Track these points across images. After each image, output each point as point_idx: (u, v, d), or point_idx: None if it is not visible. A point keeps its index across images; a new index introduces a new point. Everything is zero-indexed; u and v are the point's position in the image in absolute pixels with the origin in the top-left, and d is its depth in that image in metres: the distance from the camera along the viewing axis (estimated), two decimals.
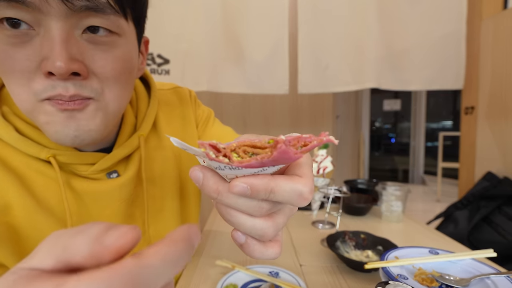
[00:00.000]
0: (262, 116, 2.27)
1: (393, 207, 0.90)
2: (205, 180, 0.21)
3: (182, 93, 0.59)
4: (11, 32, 0.31)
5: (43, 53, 0.31)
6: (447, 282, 0.47)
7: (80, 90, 0.34)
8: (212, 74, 1.57)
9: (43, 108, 0.34)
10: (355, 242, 0.68)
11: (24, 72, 0.32)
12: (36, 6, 0.29)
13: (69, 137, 0.35)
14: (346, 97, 3.50)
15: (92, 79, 0.35)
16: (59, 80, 0.32)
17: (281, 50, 1.55)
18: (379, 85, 1.54)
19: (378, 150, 5.03)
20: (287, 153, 0.19)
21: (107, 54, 0.35)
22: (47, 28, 0.31)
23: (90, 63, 0.34)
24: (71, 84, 0.33)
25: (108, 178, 0.44)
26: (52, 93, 0.33)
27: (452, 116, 4.70)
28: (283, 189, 0.21)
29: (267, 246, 0.23)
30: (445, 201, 3.19)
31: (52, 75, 0.32)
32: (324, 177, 0.78)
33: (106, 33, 0.34)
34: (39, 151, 0.38)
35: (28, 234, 0.39)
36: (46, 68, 0.31)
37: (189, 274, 0.59)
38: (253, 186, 0.20)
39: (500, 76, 1.38)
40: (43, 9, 0.30)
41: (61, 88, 0.32)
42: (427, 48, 1.50)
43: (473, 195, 1.41)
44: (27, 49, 0.31)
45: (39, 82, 0.32)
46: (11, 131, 0.37)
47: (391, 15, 1.50)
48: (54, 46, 0.31)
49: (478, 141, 1.53)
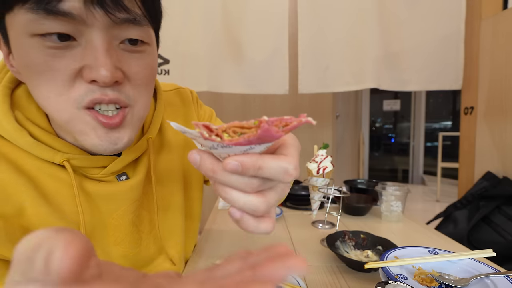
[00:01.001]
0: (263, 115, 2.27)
1: (392, 207, 0.90)
2: (202, 161, 0.24)
3: (184, 94, 0.60)
4: (53, 43, 0.32)
5: (84, 62, 0.33)
6: (447, 282, 0.48)
7: (118, 95, 0.35)
8: (212, 74, 1.57)
9: (83, 118, 0.35)
10: (355, 242, 0.68)
11: (65, 81, 0.33)
12: (82, 18, 0.31)
13: (108, 149, 0.37)
14: (346, 97, 3.50)
15: (126, 86, 0.37)
16: (99, 86, 0.34)
17: (281, 50, 1.56)
18: (378, 85, 1.54)
19: (378, 150, 5.04)
20: (270, 131, 0.21)
21: (140, 62, 0.37)
22: (89, 38, 0.32)
23: (126, 70, 0.36)
24: (109, 90, 0.35)
25: (118, 180, 0.45)
26: (92, 97, 0.34)
27: (452, 116, 4.71)
28: (270, 166, 0.23)
29: (260, 221, 0.26)
30: (444, 201, 3.19)
31: (93, 83, 0.33)
32: (324, 177, 0.78)
33: (139, 42, 0.37)
34: (53, 156, 0.39)
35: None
36: (90, 77, 0.33)
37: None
38: (243, 163, 0.23)
39: (500, 76, 1.38)
40: (88, 21, 0.31)
41: (100, 93, 0.34)
42: (426, 48, 1.50)
43: (472, 195, 1.41)
44: (67, 59, 0.32)
45: (79, 88, 0.34)
46: (25, 136, 0.38)
47: (391, 15, 1.51)
48: (98, 56, 0.32)
49: (478, 141, 1.53)
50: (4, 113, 0.37)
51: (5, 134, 0.38)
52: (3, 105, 0.38)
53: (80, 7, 0.30)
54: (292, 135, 0.30)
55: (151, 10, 0.36)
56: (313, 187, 0.80)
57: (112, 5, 0.31)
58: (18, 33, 0.32)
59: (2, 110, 0.37)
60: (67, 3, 0.30)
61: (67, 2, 0.30)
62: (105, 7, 0.31)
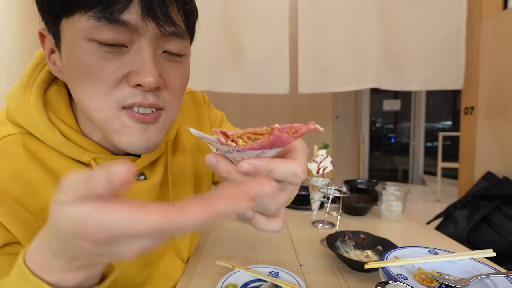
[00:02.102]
0: (262, 116, 2.27)
1: (392, 207, 0.90)
2: (217, 164, 0.28)
3: (197, 98, 0.63)
4: (107, 48, 0.35)
5: (132, 67, 0.36)
6: (447, 282, 0.47)
7: (156, 100, 0.38)
8: (212, 74, 1.57)
9: (121, 118, 0.38)
10: (355, 242, 0.68)
11: (111, 83, 0.36)
12: (136, 28, 0.34)
13: (141, 148, 0.39)
14: (346, 97, 3.50)
15: (164, 91, 0.39)
16: (141, 90, 0.37)
17: (281, 50, 1.55)
18: (379, 85, 1.54)
19: (378, 150, 5.03)
20: (281, 137, 0.24)
21: (178, 71, 0.41)
22: (139, 47, 0.36)
23: (165, 78, 0.39)
24: (150, 94, 0.37)
25: (137, 180, 0.47)
26: (133, 101, 0.37)
27: (452, 116, 4.71)
28: (280, 169, 0.26)
29: (270, 220, 0.28)
30: (444, 201, 3.19)
31: (137, 87, 0.36)
32: (324, 177, 0.78)
33: (178, 54, 0.40)
34: (81, 154, 0.41)
35: None
36: (137, 81, 0.35)
37: (189, 274, 0.59)
38: (255, 166, 0.26)
39: (500, 76, 1.38)
40: (141, 31, 0.35)
41: (141, 97, 0.37)
42: (427, 48, 1.50)
43: (472, 195, 1.41)
44: (117, 63, 0.35)
45: (123, 90, 0.36)
46: (57, 135, 0.40)
47: (392, 15, 1.50)
48: (146, 63, 0.35)
49: (478, 141, 1.53)
50: (39, 113, 0.39)
51: (37, 133, 0.40)
52: (37, 105, 0.40)
53: (137, 19, 0.34)
54: (301, 140, 0.32)
55: (192, 25, 0.41)
56: (313, 187, 0.80)
57: (163, 19, 0.35)
58: (75, 36, 0.35)
59: (36, 109, 0.39)
60: (127, 14, 0.33)
61: (126, 13, 0.33)
62: (157, 20, 0.35)
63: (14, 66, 0.99)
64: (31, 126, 0.40)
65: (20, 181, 0.38)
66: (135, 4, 0.33)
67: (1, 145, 0.38)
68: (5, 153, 0.38)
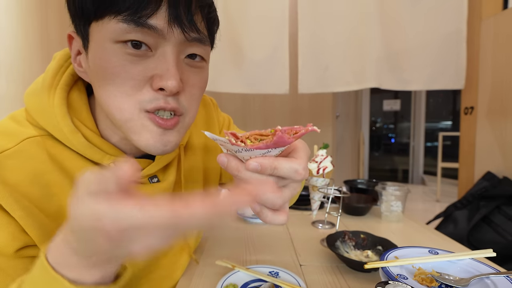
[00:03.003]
0: (262, 116, 2.27)
1: (392, 207, 0.90)
2: (228, 163, 0.31)
3: (206, 101, 0.65)
4: (133, 51, 0.36)
5: (156, 71, 0.37)
6: (447, 282, 0.48)
7: (176, 104, 0.39)
8: (212, 74, 1.56)
9: (142, 120, 0.39)
10: (355, 242, 0.68)
11: (135, 84, 0.37)
12: (162, 33, 0.36)
13: (159, 150, 0.40)
14: (346, 97, 3.50)
15: (182, 96, 0.40)
16: (163, 95, 0.38)
17: (281, 50, 1.55)
18: (379, 85, 1.54)
19: (378, 150, 5.04)
20: (283, 138, 0.28)
21: (198, 76, 0.42)
22: (163, 51, 0.37)
23: (185, 82, 0.40)
24: (171, 99, 0.38)
25: (150, 182, 0.49)
26: (156, 104, 0.38)
27: (452, 116, 4.71)
28: (283, 167, 0.30)
29: (276, 213, 0.31)
30: (444, 201, 3.19)
31: (160, 91, 0.37)
32: (324, 177, 0.78)
33: (200, 59, 0.42)
34: (102, 157, 0.42)
35: None
36: (160, 84, 0.36)
37: (189, 274, 0.59)
38: (262, 164, 0.29)
39: (500, 76, 1.38)
40: (167, 36, 0.36)
41: (163, 101, 0.38)
42: (428, 48, 1.50)
43: (472, 195, 1.41)
44: (142, 66, 0.37)
45: (146, 94, 0.37)
46: (80, 138, 0.41)
47: (392, 15, 1.50)
48: (170, 68, 0.36)
49: (478, 141, 1.53)
50: (63, 116, 0.40)
51: (60, 135, 0.40)
52: (62, 108, 0.40)
53: (163, 24, 0.35)
54: (302, 140, 0.34)
55: (213, 33, 0.43)
56: (313, 187, 0.80)
57: (188, 25, 0.37)
58: (103, 38, 0.36)
59: (61, 112, 0.40)
60: (154, 19, 0.35)
61: (154, 18, 0.35)
62: (183, 26, 0.36)
63: (14, 66, 0.99)
64: (54, 128, 0.40)
65: (38, 183, 0.39)
66: (163, 10, 0.35)
67: (21, 147, 0.39)
68: (24, 155, 0.39)
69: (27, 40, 1.03)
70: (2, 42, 0.95)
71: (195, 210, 0.21)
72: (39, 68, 1.09)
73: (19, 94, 1.00)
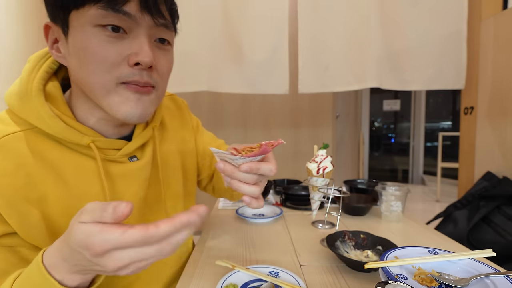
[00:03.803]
0: (262, 116, 2.27)
1: (392, 207, 0.90)
2: (225, 167, 0.44)
3: (177, 101, 0.73)
4: (111, 33, 0.42)
5: (131, 50, 0.43)
6: (447, 282, 0.48)
7: (149, 79, 0.46)
8: (212, 74, 1.57)
9: (120, 91, 0.45)
10: (354, 242, 0.68)
11: (113, 62, 0.43)
12: (135, 18, 0.43)
13: (136, 116, 0.47)
14: (346, 97, 3.50)
15: (154, 73, 0.47)
16: (138, 70, 0.44)
17: (281, 50, 1.55)
18: (380, 84, 1.54)
19: (378, 150, 5.04)
20: (266, 149, 0.43)
21: (165, 57, 0.49)
22: (136, 34, 0.44)
23: (156, 61, 0.47)
24: (145, 74, 0.45)
25: (130, 161, 0.54)
26: (132, 78, 0.44)
27: (452, 116, 4.71)
28: (263, 167, 0.44)
29: (257, 200, 0.46)
30: (444, 201, 3.19)
31: (135, 66, 0.44)
32: (324, 177, 0.78)
33: (166, 42, 0.49)
34: (81, 138, 0.47)
35: (61, 221, 0.47)
36: (136, 60, 0.43)
37: (189, 274, 0.59)
38: (250, 166, 0.43)
39: (500, 76, 1.38)
40: (139, 21, 0.43)
41: (138, 76, 0.45)
42: (428, 48, 1.50)
43: (472, 195, 1.41)
44: (119, 46, 0.43)
45: (124, 69, 0.44)
46: (59, 122, 0.45)
47: (392, 15, 1.50)
48: (143, 46, 0.44)
49: (478, 141, 1.53)
50: (41, 104, 0.45)
51: (40, 122, 0.45)
52: (40, 97, 0.45)
53: (136, 11, 0.43)
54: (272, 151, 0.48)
55: (174, 19, 0.50)
56: (313, 187, 0.80)
57: (156, 12, 0.44)
58: (84, 23, 0.42)
59: (39, 101, 0.45)
60: (128, 7, 0.42)
61: (128, 6, 0.42)
62: (152, 13, 0.44)
63: (14, 66, 0.99)
64: (35, 116, 0.45)
65: (20, 174, 0.43)
66: (135, 0, 0.42)
67: (2, 142, 0.43)
68: (6, 150, 0.43)
69: (27, 41, 1.03)
70: (2, 42, 0.95)
71: (161, 228, 0.29)
72: None
73: None
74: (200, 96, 2.19)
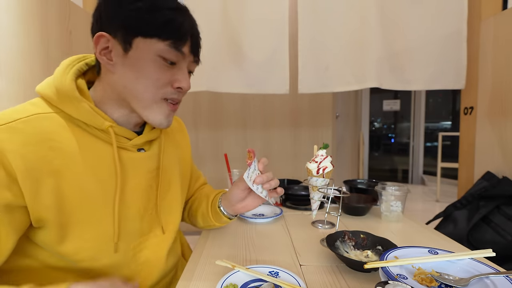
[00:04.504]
0: (262, 116, 2.27)
1: (392, 207, 0.90)
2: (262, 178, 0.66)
3: (179, 121, 0.84)
4: (165, 63, 0.55)
5: (176, 77, 0.57)
6: (447, 281, 0.48)
7: (181, 98, 0.61)
8: (212, 74, 1.57)
9: (161, 104, 0.58)
10: (354, 242, 0.68)
11: (163, 83, 0.56)
12: (185, 56, 0.57)
13: (164, 125, 0.60)
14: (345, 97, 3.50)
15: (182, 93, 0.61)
16: (178, 91, 0.59)
17: (281, 51, 1.55)
18: (380, 84, 1.54)
19: (378, 150, 5.04)
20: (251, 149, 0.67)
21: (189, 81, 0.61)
22: (182, 66, 0.58)
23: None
24: (181, 95, 0.60)
25: (138, 152, 0.62)
26: (174, 97, 0.59)
27: (451, 116, 4.71)
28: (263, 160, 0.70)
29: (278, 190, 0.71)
30: (444, 201, 3.19)
31: (177, 89, 0.58)
32: (324, 177, 0.78)
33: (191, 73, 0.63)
34: (102, 122, 0.55)
35: (71, 197, 0.52)
36: (179, 85, 0.58)
37: (189, 274, 0.59)
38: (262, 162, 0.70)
39: (500, 76, 1.38)
40: (186, 58, 0.58)
41: (177, 96, 0.59)
42: (428, 48, 1.50)
43: (472, 195, 1.41)
44: (169, 73, 0.57)
45: (169, 90, 0.57)
46: (85, 106, 0.54)
47: (392, 15, 1.50)
48: (185, 76, 0.59)
49: (478, 141, 1.53)
50: (73, 90, 0.54)
51: (70, 106, 0.53)
52: (72, 85, 0.54)
53: (188, 52, 0.57)
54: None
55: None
56: (313, 187, 0.80)
57: (196, 54, 0.60)
58: (149, 50, 0.54)
59: (71, 88, 0.54)
60: (185, 48, 0.56)
61: (185, 47, 0.56)
62: (195, 54, 0.60)
63: (15, 66, 0.99)
64: (66, 100, 0.53)
65: (43, 146, 0.49)
66: (188, 43, 0.56)
67: (31, 118, 0.50)
68: (33, 124, 0.49)
69: (28, 40, 1.03)
70: (3, 42, 0.95)
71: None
72: (39, 68, 1.09)
73: (19, 94, 1.00)
74: (200, 96, 2.19)
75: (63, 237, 0.52)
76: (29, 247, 0.54)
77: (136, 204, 0.60)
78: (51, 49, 1.15)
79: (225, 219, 0.75)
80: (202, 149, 2.26)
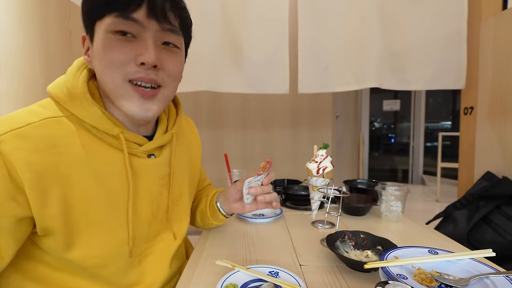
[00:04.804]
0: (262, 116, 2.27)
1: (392, 207, 0.90)
2: (256, 189, 0.68)
3: (191, 123, 0.83)
4: (120, 37, 0.50)
5: (137, 51, 0.50)
6: (447, 281, 0.48)
7: (155, 77, 0.53)
8: (212, 74, 1.57)
9: (126, 88, 0.52)
10: (354, 242, 0.68)
11: (122, 61, 0.50)
12: (142, 24, 0.50)
13: (140, 115, 0.54)
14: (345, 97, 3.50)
15: (161, 72, 0.54)
16: (144, 69, 0.51)
17: (281, 50, 1.55)
18: (380, 84, 1.54)
19: (378, 150, 5.04)
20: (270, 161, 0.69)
21: (171, 57, 0.55)
22: (143, 37, 0.51)
23: (162, 61, 0.53)
24: (151, 72, 0.52)
25: (148, 158, 0.60)
26: (138, 75, 0.51)
27: (451, 116, 4.71)
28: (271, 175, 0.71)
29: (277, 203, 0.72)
30: (444, 201, 3.19)
31: (141, 65, 0.51)
32: (324, 177, 0.78)
33: (172, 45, 0.55)
34: (112, 128, 0.53)
35: (78, 206, 0.50)
36: (141, 59, 0.50)
37: (189, 274, 0.59)
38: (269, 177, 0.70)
39: (500, 76, 1.38)
40: (146, 26, 0.51)
41: (144, 73, 0.51)
42: (428, 48, 1.50)
43: (472, 195, 1.41)
44: (127, 48, 0.50)
45: (131, 67, 0.51)
46: (97, 110, 0.52)
47: (392, 14, 1.50)
48: (148, 48, 0.51)
49: (478, 141, 1.53)
50: (84, 93, 0.53)
51: (80, 110, 0.51)
52: (84, 88, 0.53)
53: (143, 18, 0.50)
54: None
55: (184, 25, 0.56)
56: (313, 187, 0.80)
57: (162, 19, 0.51)
58: (102, 30, 0.50)
59: (83, 90, 0.53)
60: (136, 14, 0.49)
61: (136, 13, 0.49)
62: (158, 19, 0.51)
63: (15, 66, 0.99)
64: (77, 103, 0.51)
65: (52, 152, 0.48)
66: (143, 8, 0.49)
67: (44, 122, 0.49)
68: (43, 129, 0.48)
69: (28, 40, 1.03)
70: (3, 42, 0.95)
71: None
72: (39, 68, 1.09)
73: (19, 94, 1.00)
74: (200, 96, 2.19)
75: (69, 245, 0.50)
76: (36, 251, 0.53)
77: (145, 211, 0.59)
78: (51, 49, 1.15)
79: (221, 216, 0.76)
80: (202, 149, 2.26)
